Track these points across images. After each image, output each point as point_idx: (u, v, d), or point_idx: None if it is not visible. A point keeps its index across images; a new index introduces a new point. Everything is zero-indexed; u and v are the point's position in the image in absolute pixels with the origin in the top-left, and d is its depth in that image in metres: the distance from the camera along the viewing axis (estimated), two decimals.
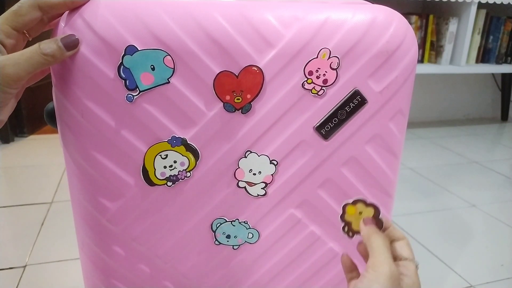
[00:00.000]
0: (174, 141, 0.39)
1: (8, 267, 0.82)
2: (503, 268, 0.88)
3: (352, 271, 0.37)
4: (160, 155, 0.39)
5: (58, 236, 0.93)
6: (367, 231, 0.35)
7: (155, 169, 0.40)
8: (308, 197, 0.44)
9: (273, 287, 0.48)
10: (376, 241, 0.33)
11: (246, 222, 0.44)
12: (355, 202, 0.40)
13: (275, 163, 0.42)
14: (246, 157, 0.41)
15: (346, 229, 0.38)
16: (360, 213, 0.39)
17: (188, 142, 0.39)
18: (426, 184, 1.31)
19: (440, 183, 1.32)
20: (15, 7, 0.34)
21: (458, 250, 0.94)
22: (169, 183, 0.41)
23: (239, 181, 0.42)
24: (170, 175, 0.40)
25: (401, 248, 0.35)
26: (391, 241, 0.35)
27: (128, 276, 0.44)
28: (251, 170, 0.42)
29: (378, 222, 0.37)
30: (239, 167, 0.41)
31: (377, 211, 0.38)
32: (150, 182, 0.40)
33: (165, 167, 0.40)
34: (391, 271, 0.30)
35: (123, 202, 0.41)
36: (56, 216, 1.02)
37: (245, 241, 0.45)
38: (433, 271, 0.86)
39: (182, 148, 0.39)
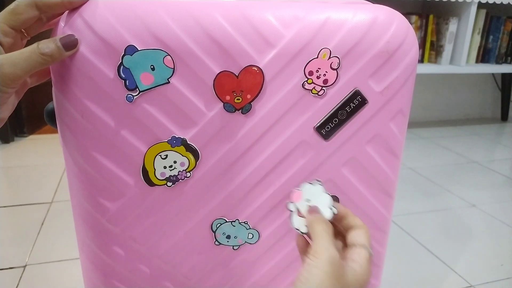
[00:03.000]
0: (174, 141, 0.39)
1: (8, 267, 0.82)
2: (503, 268, 0.88)
3: (306, 253, 0.36)
4: (160, 155, 0.39)
5: (58, 236, 0.93)
6: (311, 219, 0.34)
7: (155, 169, 0.40)
8: None
9: (274, 287, 0.48)
10: (317, 228, 0.33)
11: (246, 222, 0.44)
12: None
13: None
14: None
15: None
16: None
17: (188, 142, 0.39)
18: (426, 184, 1.31)
19: (440, 183, 1.32)
20: (12, 5, 0.34)
21: (458, 250, 0.94)
22: (169, 183, 0.40)
23: None
24: (170, 175, 0.40)
25: (358, 235, 0.34)
26: (349, 229, 0.35)
27: (128, 276, 0.44)
28: None
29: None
30: None
31: (336, 201, 0.40)
32: (150, 183, 0.40)
33: (165, 167, 0.40)
34: (331, 256, 0.30)
35: (123, 202, 0.41)
36: (56, 216, 1.02)
37: (245, 242, 0.45)
38: (433, 271, 0.86)
39: (182, 148, 0.39)
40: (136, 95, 0.37)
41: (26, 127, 1.61)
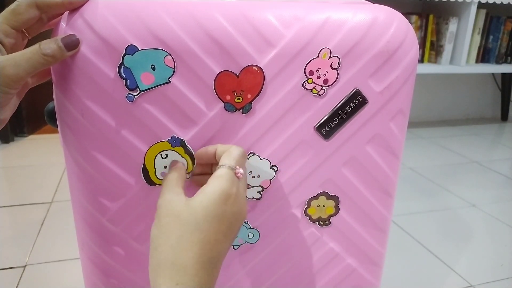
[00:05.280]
0: (174, 141, 0.39)
1: (8, 267, 0.82)
2: (503, 268, 0.88)
3: None
4: (161, 155, 0.39)
5: (58, 236, 0.93)
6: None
7: (155, 169, 0.40)
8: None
9: (274, 287, 0.48)
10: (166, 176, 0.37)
11: (246, 222, 0.44)
12: (318, 196, 0.44)
13: (275, 169, 0.42)
14: (248, 159, 0.41)
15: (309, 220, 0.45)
16: (323, 206, 0.45)
17: (186, 144, 0.39)
18: (426, 184, 1.31)
19: (440, 183, 1.32)
20: (13, 5, 0.34)
21: (458, 250, 0.94)
22: None
23: None
24: None
25: (220, 161, 0.37)
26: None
27: (128, 276, 0.44)
28: (250, 172, 0.42)
29: None
30: None
31: (336, 200, 0.44)
32: (150, 182, 0.40)
33: (165, 167, 0.40)
34: (160, 204, 0.34)
35: (123, 202, 0.41)
36: (56, 216, 1.02)
37: (246, 241, 0.45)
38: (433, 271, 0.86)
39: (181, 149, 0.39)
40: (136, 95, 0.37)
41: (26, 127, 1.61)
